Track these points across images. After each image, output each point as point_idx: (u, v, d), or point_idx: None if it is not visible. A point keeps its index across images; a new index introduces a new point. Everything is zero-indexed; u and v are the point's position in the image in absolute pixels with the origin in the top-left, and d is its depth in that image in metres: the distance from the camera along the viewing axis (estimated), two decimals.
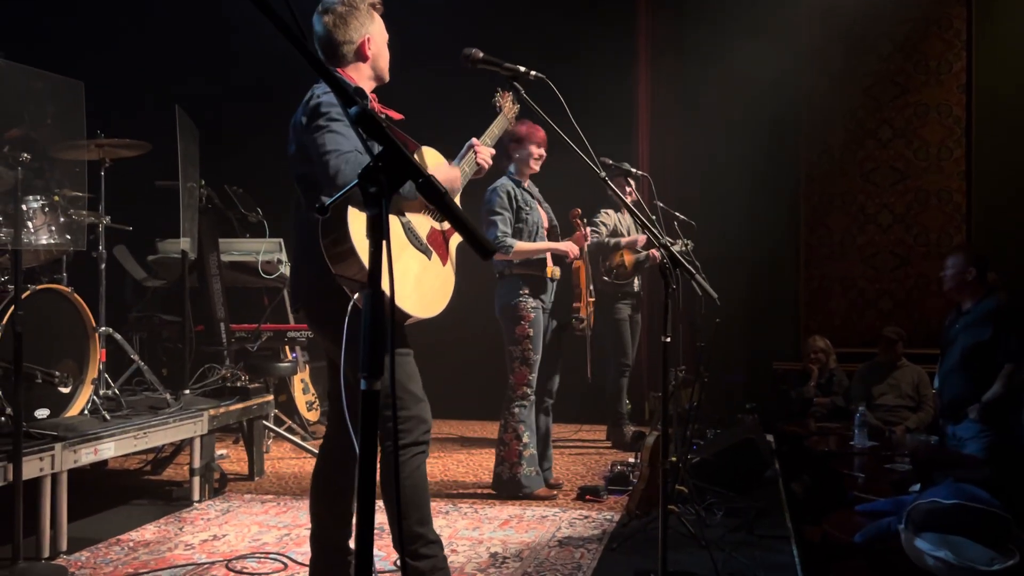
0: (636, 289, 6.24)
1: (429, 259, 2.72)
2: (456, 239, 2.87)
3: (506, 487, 4.58)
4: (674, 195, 5.99)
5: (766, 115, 7.16)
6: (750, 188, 7.19)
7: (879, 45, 7.32)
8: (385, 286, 2.33)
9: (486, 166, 3.00)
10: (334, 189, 2.37)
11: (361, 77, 2.77)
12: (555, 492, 4.66)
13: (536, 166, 4.61)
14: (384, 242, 1.25)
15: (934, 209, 7.27)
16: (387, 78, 2.85)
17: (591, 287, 4.89)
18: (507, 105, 3.35)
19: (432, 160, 2.87)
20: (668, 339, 2.87)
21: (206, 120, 5.36)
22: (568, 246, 4.62)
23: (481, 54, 2.77)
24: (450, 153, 2.99)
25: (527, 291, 4.49)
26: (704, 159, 7.16)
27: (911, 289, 7.29)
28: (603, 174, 2.87)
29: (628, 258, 6.06)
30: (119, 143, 4.55)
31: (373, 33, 2.76)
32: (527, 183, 4.66)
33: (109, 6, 6.88)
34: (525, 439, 4.53)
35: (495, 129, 3.24)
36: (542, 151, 4.60)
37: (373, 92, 2.81)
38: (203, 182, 5.32)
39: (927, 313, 7.08)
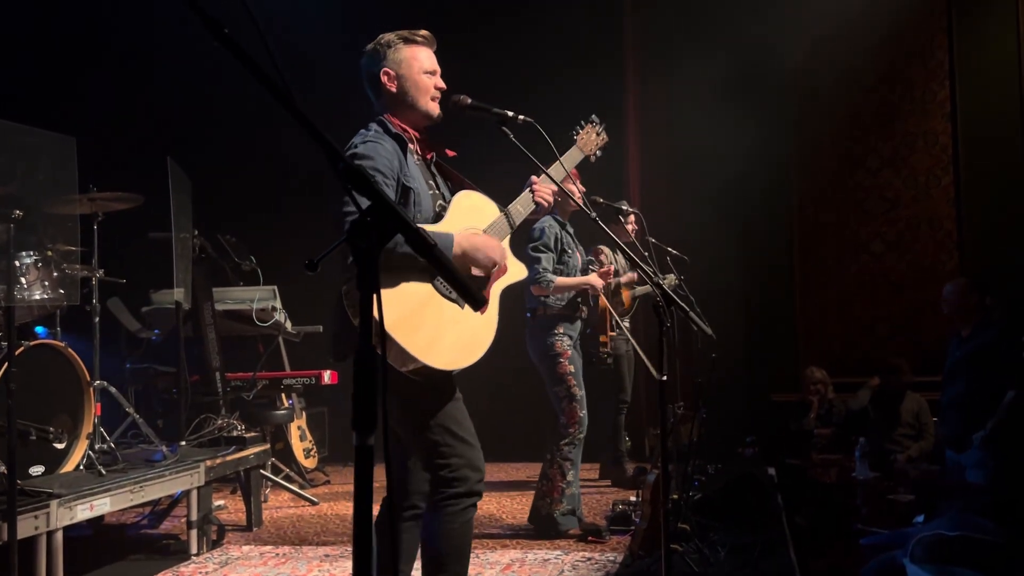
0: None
1: (461, 308, 2.53)
2: (499, 284, 2.67)
3: (543, 523, 4.58)
4: (665, 229, 5.99)
5: (757, 145, 7.21)
6: (742, 219, 7.22)
7: (864, 76, 7.40)
8: (403, 338, 2.31)
9: (545, 204, 2.81)
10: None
11: (408, 115, 2.66)
12: (598, 536, 4.51)
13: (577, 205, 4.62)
14: (375, 295, 1.25)
15: (926, 236, 7.30)
16: (433, 112, 2.68)
17: (615, 320, 5.05)
18: (588, 138, 3.07)
19: (467, 203, 2.69)
20: (665, 377, 2.86)
21: (198, 170, 5.37)
22: (595, 279, 4.74)
23: (469, 100, 2.76)
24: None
25: (561, 330, 4.61)
26: (695, 192, 7.17)
27: (908, 317, 7.28)
28: (593, 215, 2.86)
29: (625, 294, 6.06)
30: (111, 196, 4.51)
31: (397, 65, 2.63)
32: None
33: (99, 60, 6.94)
34: (569, 477, 4.56)
35: (566, 162, 2.95)
36: (583, 190, 4.59)
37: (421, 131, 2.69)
38: (196, 232, 5.33)
39: (923, 340, 7.07)
